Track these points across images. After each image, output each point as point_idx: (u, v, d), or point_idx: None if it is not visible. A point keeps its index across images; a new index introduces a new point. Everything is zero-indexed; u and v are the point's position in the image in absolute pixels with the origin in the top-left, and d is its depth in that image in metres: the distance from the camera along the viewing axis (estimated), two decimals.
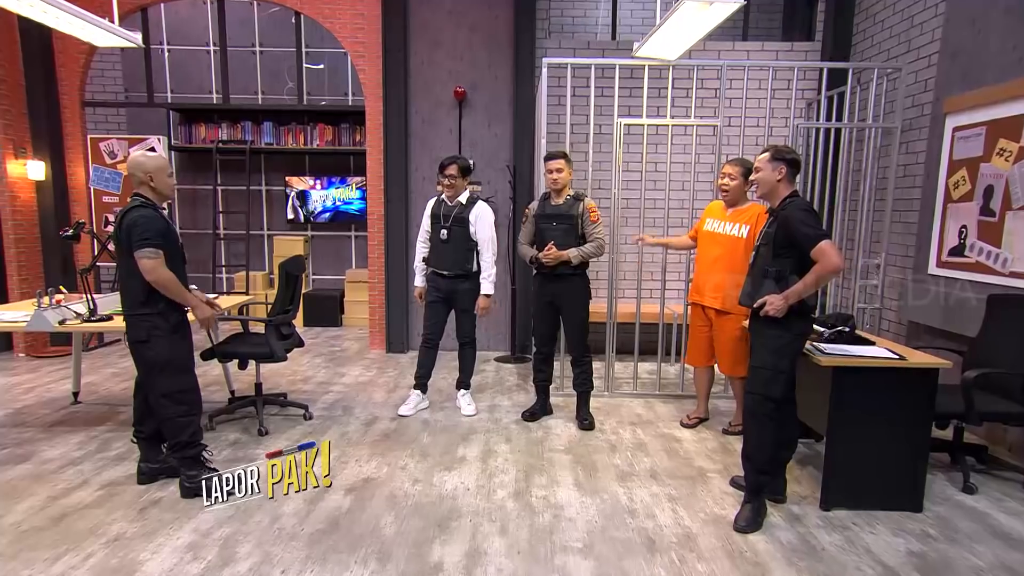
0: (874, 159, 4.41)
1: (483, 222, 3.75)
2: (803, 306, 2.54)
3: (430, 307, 3.89)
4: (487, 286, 3.80)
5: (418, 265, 3.94)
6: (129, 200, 2.73)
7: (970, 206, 3.66)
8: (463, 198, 3.77)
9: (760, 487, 2.65)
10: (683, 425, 3.83)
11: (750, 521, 2.60)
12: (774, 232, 2.57)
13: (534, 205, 3.80)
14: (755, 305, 2.60)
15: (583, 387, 3.83)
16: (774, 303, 2.51)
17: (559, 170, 3.59)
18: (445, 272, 3.81)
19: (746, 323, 2.91)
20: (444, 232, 3.73)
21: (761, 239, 2.68)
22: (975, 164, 3.62)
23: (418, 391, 4.04)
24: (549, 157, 3.65)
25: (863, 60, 4.93)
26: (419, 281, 3.95)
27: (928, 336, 3.95)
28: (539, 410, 3.95)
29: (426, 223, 3.87)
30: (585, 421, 3.78)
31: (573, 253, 3.58)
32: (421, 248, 3.92)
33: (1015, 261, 3.34)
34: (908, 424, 2.70)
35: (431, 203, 3.88)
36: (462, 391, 4.07)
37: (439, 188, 3.85)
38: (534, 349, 3.94)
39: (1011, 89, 3.38)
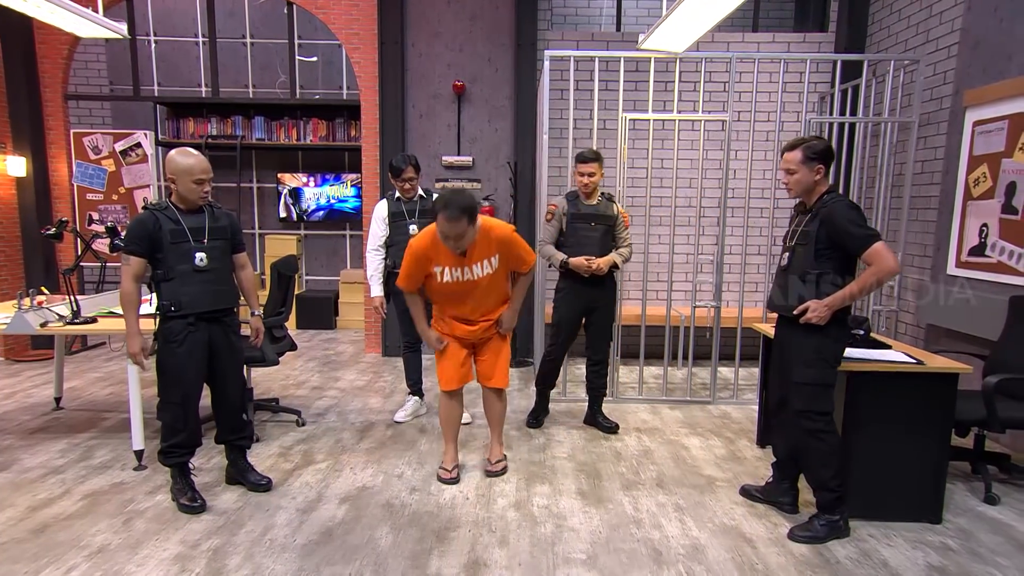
0: (890, 155, 4.34)
1: None
2: (842, 310, 2.42)
3: (408, 313, 3.78)
4: None
5: (374, 275, 3.76)
6: None
7: (991, 203, 3.56)
8: (420, 192, 3.77)
9: (837, 503, 2.54)
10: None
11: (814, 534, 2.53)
12: (815, 231, 2.41)
13: (562, 203, 3.62)
14: (795, 312, 2.45)
15: (603, 389, 3.83)
16: (817, 310, 2.38)
17: (591, 174, 3.50)
18: None
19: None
20: (415, 228, 3.64)
21: (798, 238, 2.50)
22: (996, 159, 3.53)
23: (415, 397, 3.95)
24: (582, 159, 3.50)
25: (879, 51, 4.83)
26: (378, 290, 3.76)
27: (947, 340, 3.88)
28: (543, 411, 3.90)
29: (381, 228, 3.72)
30: (608, 422, 3.77)
31: (618, 259, 3.57)
32: (375, 256, 3.75)
33: None
34: (926, 432, 2.62)
35: (383, 207, 3.73)
36: None
37: (404, 187, 3.69)
38: (546, 355, 3.77)
39: None
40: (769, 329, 3.34)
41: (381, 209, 3.74)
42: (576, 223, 3.55)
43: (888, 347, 2.86)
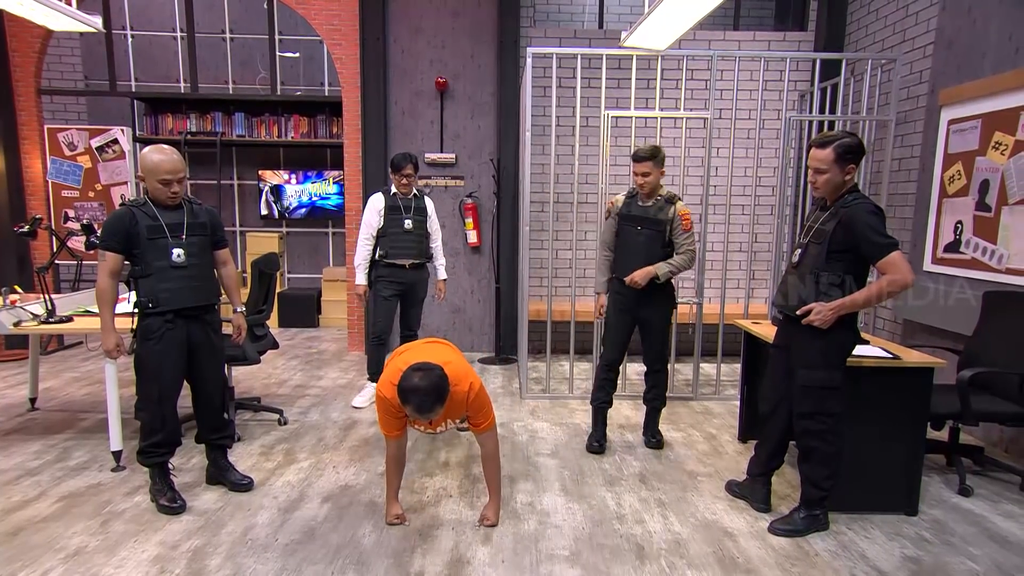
0: (868, 153, 4.35)
1: (433, 211, 4.08)
2: (850, 314, 2.38)
3: (387, 302, 3.95)
4: (443, 272, 4.17)
5: (361, 263, 3.92)
6: None
7: (966, 201, 3.61)
8: (415, 190, 3.98)
9: (822, 501, 2.56)
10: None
11: (793, 526, 2.54)
12: (830, 231, 2.32)
13: (620, 199, 3.32)
14: (799, 312, 2.38)
15: (658, 401, 3.49)
16: (821, 313, 2.31)
17: (646, 174, 3.16)
18: (408, 263, 3.91)
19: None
20: (410, 222, 3.89)
21: (812, 235, 2.41)
22: (971, 158, 3.58)
23: (375, 384, 3.93)
24: (636, 158, 3.20)
25: (857, 50, 4.88)
26: (362, 279, 3.95)
27: (924, 335, 3.92)
28: (601, 434, 3.44)
29: (375, 219, 3.89)
30: (655, 439, 3.47)
31: (663, 269, 3.17)
32: (366, 246, 3.91)
33: (1011, 257, 3.30)
34: (903, 425, 2.66)
35: (378, 199, 3.91)
36: None
37: (402, 182, 3.89)
38: (600, 362, 3.45)
39: (1007, 80, 3.34)
40: (750, 325, 3.38)
41: (377, 201, 3.89)
42: (624, 224, 3.27)
43: (866, 342, 2.86)
